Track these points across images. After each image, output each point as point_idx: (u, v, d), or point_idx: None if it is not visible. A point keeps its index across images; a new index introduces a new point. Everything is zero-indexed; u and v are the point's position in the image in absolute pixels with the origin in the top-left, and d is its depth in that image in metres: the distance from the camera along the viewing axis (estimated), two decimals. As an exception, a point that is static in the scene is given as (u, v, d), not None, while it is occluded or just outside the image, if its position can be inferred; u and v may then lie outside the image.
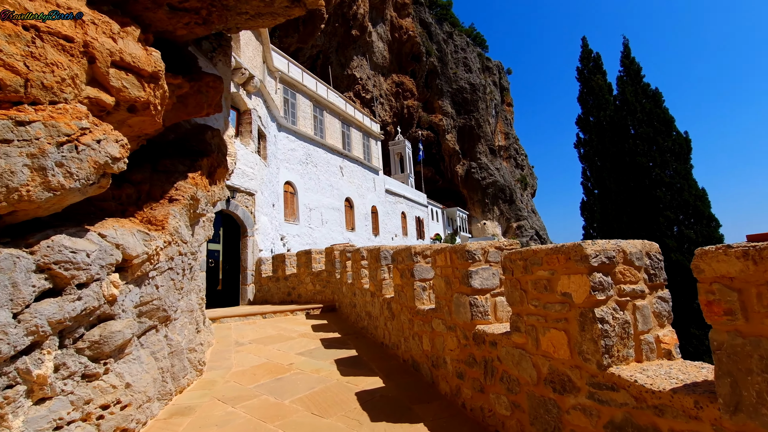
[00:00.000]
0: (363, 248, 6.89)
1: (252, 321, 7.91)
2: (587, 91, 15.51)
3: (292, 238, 15.21)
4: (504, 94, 73.41)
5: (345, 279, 7.97)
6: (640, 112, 11.88)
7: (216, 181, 5.67)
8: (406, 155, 32.40)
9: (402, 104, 48.73)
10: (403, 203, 26.01)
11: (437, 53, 54.08)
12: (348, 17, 39.00)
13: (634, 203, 11.26)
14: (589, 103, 15.35)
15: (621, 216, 11.50)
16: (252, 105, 12.03)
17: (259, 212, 11.89)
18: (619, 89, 12.97)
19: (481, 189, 56.65)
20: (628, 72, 13.13)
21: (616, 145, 11.99)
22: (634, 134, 11.87)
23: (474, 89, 57.74)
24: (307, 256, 9.90)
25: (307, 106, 17.44)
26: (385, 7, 45.89)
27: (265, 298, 11.05)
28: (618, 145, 11.94)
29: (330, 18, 37.31)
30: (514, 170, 67.93)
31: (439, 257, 3.69)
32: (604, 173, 12.68)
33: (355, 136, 21.29)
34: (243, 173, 11.14)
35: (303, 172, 16.52)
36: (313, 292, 9.77)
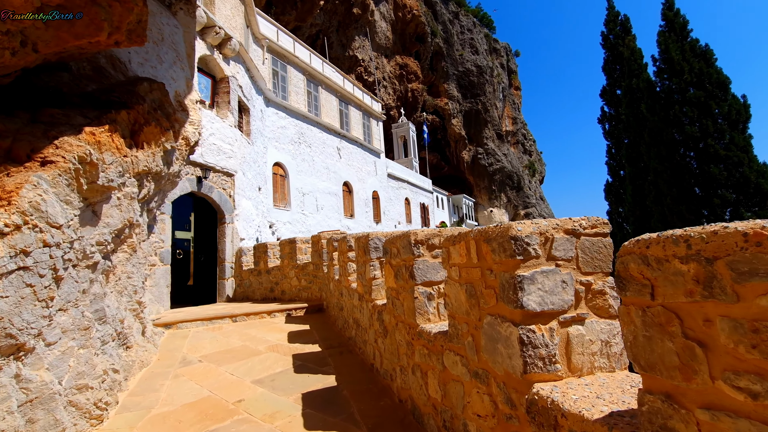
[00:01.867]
0: (351, 236, 5.35)
1: (218, 327, 6.44)
2: (614, 58, 13.69)
3: (283, 225, 13.71)
4: (512, 78, 71.02)
5: (332, 274, 6.46)
6: (688, 73, 10.08)
7: (143, 144, 4.11)
8: (410, 139, 30.66)
9: (406, 87, 46.76)
10: (406, 189, 24.39)
11: (443, 34, 51.84)
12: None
13: (680, 182, 9.58)
14: (616, 72, 13.56)
15: (662, 197, 9.83)
16: (230, 72, 10.41)
17: (240, 195, 10.36)
18: (660, 48, 11.15)
19: (488, 175, 54.86)
20: (672, 27, 11.20)
21: (656, 113, 10.28)
22: (679, 100, 10.10)
23: (481, 72, 55.54)
24: (291, 246, 8.40)
25: (299, 80, 15.77)
26: (388, -17, 43.59)
27: (246, 294, 9.59)
28: (658, 113, 10.23)
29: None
30: (522, 156, 65.93)
31: (455, 249, 2.15)
32: (640, 148, 10.96)
33: (354, 115, 19.61)
34: (219, 150, 9.59)
35: (295, 153, 14.94)
36: (298, 288, 8.29)
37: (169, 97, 5.37)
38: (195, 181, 8.88)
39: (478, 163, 54.57)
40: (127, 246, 5.01)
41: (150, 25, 6.41)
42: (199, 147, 8.91)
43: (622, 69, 13.24)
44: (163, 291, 7.73)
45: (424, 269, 2.82)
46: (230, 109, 10.22)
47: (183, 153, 7.02)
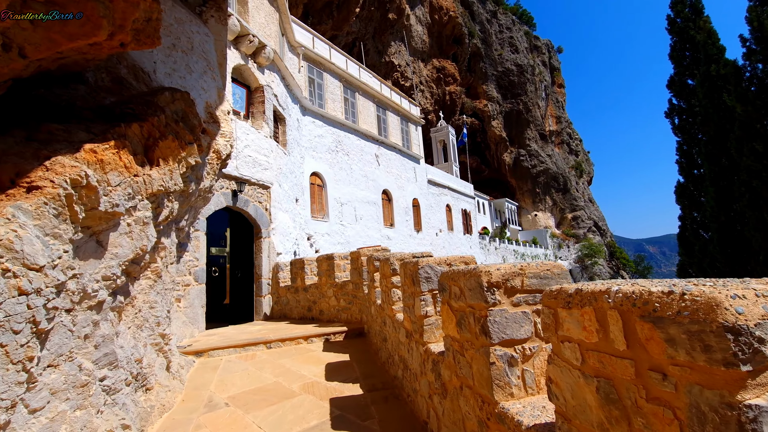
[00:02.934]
0: (395, 256, 4.64)
1: (251, 354, 5.91)
2: (683, 43, 12.17)
3: (321, 237, 13.25)
4: (554, 75, 68.16)
5: (373, 297, 5.77)
6: (788, 53, 8.63)
7: (158, 161, 3.62)
8: (450, 142, 29.66)
9: (444, 90, 45.83)
10: (447, 195, 23.42)
11: (480, 34, 50.50)
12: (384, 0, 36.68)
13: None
14: (686, 59, 12.03)
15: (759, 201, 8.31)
16: (265, 81, 10.09)
17: (277, 208, 9.96)
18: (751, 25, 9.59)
19: (531, 178, 52.59)
20: (765, 0, 9.61)
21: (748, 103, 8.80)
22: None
23: (521, 71, 53.57)
24: (329, 262, 7.81)
25: (336, 86, 15.38)
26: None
27: (284, 313, 9.12)
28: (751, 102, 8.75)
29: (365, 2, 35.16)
30: (568, 156, 62.83)
31: (573, 317, 1.35)
32: (728, 143, 9.45)
33: (392, 121, 19.00)
34: (254, 161, 9.23)
35: (332, 162, 14.50)
36: (336, 308, 7.67)
37: (195, 108, 4.93)
38: (230, 195, 8.54)
39: (520, 166, 52.51)
40: (151, 272, 4.58)
41: (179, 33, 6.07)
42: (233, 159, 8.57)
43: (693, 55, 11.71)
44: (198, 312, 7.37)
45: (503, 323, 2.04)
46: (265, 119, 9.87)
47: (214, 167, 6.62)
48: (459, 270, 2.43)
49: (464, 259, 3.44)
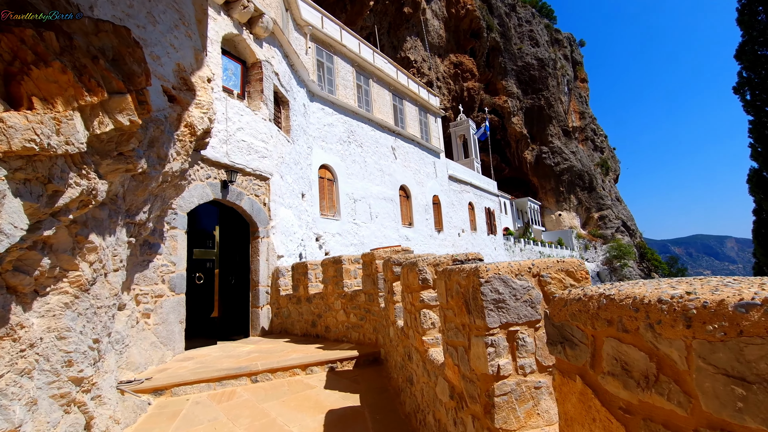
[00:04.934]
0: (424, 259, 3.05)
1: (229, 392, 4.40)
2: (753, 4, 10.24)
3: (332, 237, 11.75)
4: (577, 69, 65.60)
5: (392, 315, 4.20)
6: None
7: (33, 101, 2.12)
8: (471, 137, 27.90)
9: (461, 87, 44.09)
10: (470, 192, 21.66)
11: (499, 28, 48.58)
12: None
13: None
14: (760, 23, 10.10)
15: None
16: (264, 56, 8.65)
17: (278, 203, 8.49)
18: None
19: (554, 176, 50.27)
20: None
21: None
22: None
23: (542, 65, 51.36)
24: (337, 267, 6.26)
25: (347, 71, 13.90)
26: (440, -20, 41.54)
27: (284, 327, 7.62)
28: None
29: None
30: (593, 153, 60.13)
31: None
32: None
33: (410, 111, 17.40)
34: (249, 147, 7.79)
35: (344, 154, 13.00)
36: (345, 325, 6.11)
37: (139, 53, 3.45)
38: (219, 186, 7.10)
39: (542, 163, 50.29)
40: (69, 283, 3.12)
41: (135, -30, 4.64)
42: (223, 144, 7.15)
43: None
44: (174, 330, 5.91)
45: None
46: (264, 99, 8.43)
47: (186, 145, 5.17)
48: (593, 292, 0.84)
49: (555, 264, 1.86)
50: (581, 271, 1.83)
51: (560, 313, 1.14)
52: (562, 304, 1.14)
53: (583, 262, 1.85)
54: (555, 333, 1.17)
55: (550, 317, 1.19)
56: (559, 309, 1.15)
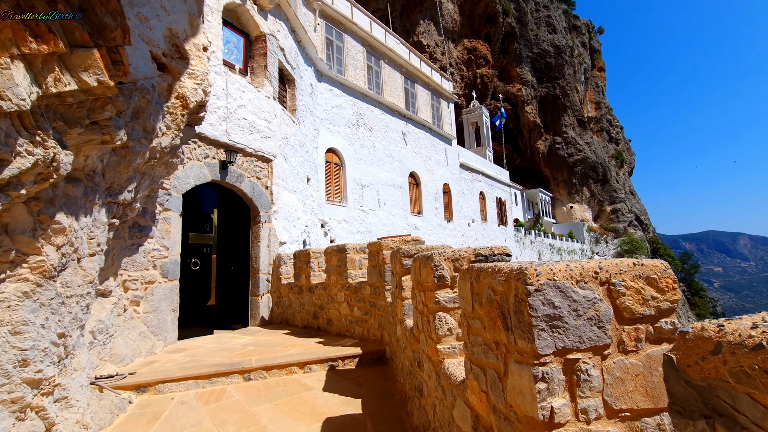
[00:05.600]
0: (440, 252, 2.56)
1: (219, 391, 4.01)
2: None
3: (338, 224, 11.30)
4: (595, 58, 63.70)
5: (400, 312, 3.74)
6: None
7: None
8: (484, 125, 27.11)
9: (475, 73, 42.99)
10: (481, 181, 21.01)
11: (515, 13, 47.07)
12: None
13: None
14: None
15: None
16: (269, 29, 8.11)
17: (281, 187, 8.04)
18: None
19: (567, 167, 49.16)
20: None
21: None
22: None
23: (559, 52, 49.87)
24: (341, 256, 5.81)
25: (358, 51, 13.27)
26: (456, -41, 40.20)
27: (285, 317, 7.24)
28: None
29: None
30: (608, 145, 58.73)
31: None
32: None
33: (422, 95, 16.73)
34: (251, 126, 7.31)
35: (353, 137, 12.46)
36: (349, 319, 5.68)
37: (114, 3, 2.96)
38: (217, 166, 6.65)
39: (555, 154, 49.17)
40: (30, 269, 2.70)
41: None
42: (223, 122, 6.68)
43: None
44: (166, 318, 5.54)
45: None
46: (268, 76, 7.91)
47: (178, 119, 4.69)
48: None
49: (630, 268, 1.35)
50: (666, 279, 1.33)
51: (707, 366, 0.65)
52: (711, 348, 0.65)
53: (668, 266, 1.35)
54: (691, 398, 0.68)
55: (681, 367, 0.70)
56: (703, 356, 0.66)
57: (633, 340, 1.29)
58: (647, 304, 1.31)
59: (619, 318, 1.30)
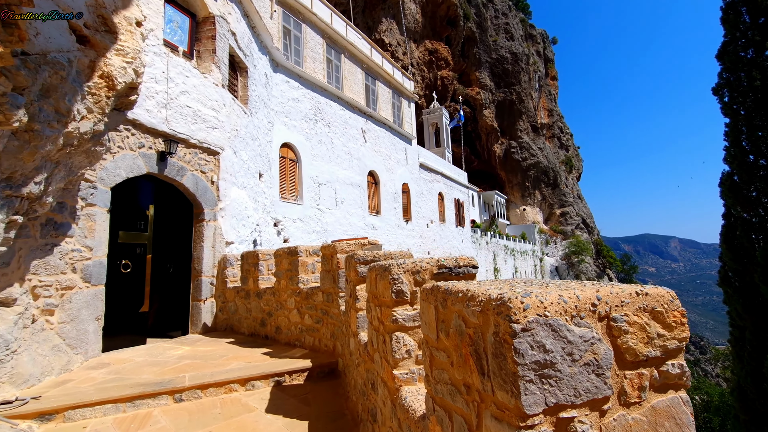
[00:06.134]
0: (399, 261, 2.25)
1: (143, 416, 3.47)
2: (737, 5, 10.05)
3: (292, 223, 10.76)
4: (548, 67, 66.51)
5: (353, 325, 3.41)
6: None
7: None
8: (443, 126, 27.34)
9: (435, 75, 43.48)
10: (440, 182, 21.09)
11: (476, 18, 48.12)
12: (376, -30, 33.98)
13: None
14: (745, 24, 9.92)
15: None
16: (219, 11, 7.46)
17: (229, 182, 7.44)
18: None
19: (521, 171, 51.03)
20: None
21: None
22: None
23: (516, 59, 51.63)
24: (292, 259, 5.37)
25: (317, 43, 12.74)
26: (419, -39, 40.39)
27: (230, 324, 6.67)
28: None
29: (356, -30, 32.42)
30: (558, 151, 61.56)
31: None
32: None
33: (383, 93, 16.45)
34: (195, 115, 6.66)
35: (310, 133, 11.94)
36: (299, 327, 5.26)
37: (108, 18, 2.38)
38: (154, 157, 5.97)
39: (510, 158, 50.88)
40: None
41: None
42: (163, 109, 6.01)
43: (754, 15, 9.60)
44: (87, 329, 4.85)
45: None
46: (216, 61, 7.27)
47: (102, 101, 4.06)
48: None
49: (633, 298, 1.08)
50: (674, 312, 1.09)
51: None
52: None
53: (674, 296, 1.11)
54: None
55: None
56: None
57: (636, 389, 1.04)
58: (653, 343, 1.06)
59: (621, 362, 1.04)
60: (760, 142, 9.71)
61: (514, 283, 1.29)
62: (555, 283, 1.25)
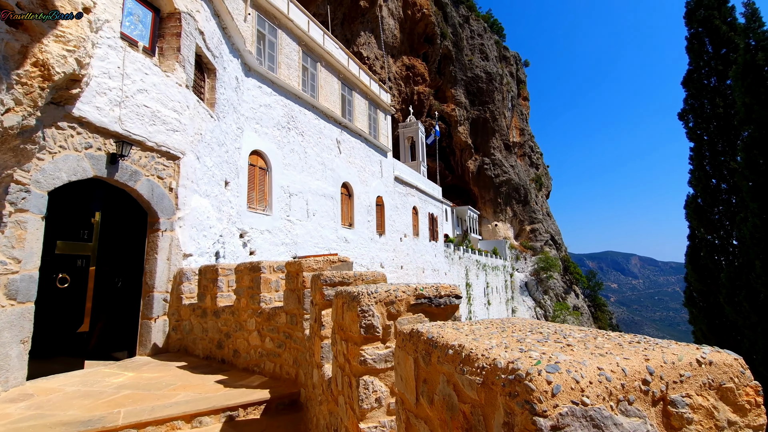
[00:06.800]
0: (369, 288, 1.89)
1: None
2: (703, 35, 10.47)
3: (260, 234, 10.20)
4: (520, 88, 68.70)
5: (317, 355, 3.01)
6: None
7: None
8: (419, 140, 27.40)
9: (412, 90, 43.95)
10: (415, 196, 20.95)
11: (452, 37, 49.25)
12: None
13: None
14: (708, 54, 10.34)
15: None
16: (186, 7, 7.01)
17: (190, 189, 6.89)
18: None
19: (493, 187, 51.99)
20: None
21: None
22: None
23: (490, 79, 53.05)
24: (254, 276, 4.91)
25: (293, 50, 12.40)
26: (399, -21, 41.05)
27: (185, 345, 6.07)
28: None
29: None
30: (529, 169, 63.28)
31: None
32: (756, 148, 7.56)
33: (359, 104, 16.22)
34: (154, 116, 6.14)
35: (282, 141, 11.48)
36: (260, 351, 4.78)
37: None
38: (105, 160, 5.40)
39: (483, 174, 51.79)
40: None
41: None
42: (116, 107, 5.48)
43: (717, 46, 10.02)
44: (9, 353, 4.19)
45: None
46: (180, 60, 6.78)
47: (34, 91, 3.55)
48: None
49: (694, 370, 0.74)
50: (746, 387, 0.78)
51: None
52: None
53: (743, 364, 0.81)
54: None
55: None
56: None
57: (704, 505, 0.73)
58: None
59: (684, 466, 0.72)
60: (722, 166, 10.02)
61: (523, 337, 0.96)
62: (578, 337, 0.93)
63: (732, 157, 9.74)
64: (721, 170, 10.33)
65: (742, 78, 8.63)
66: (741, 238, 8.42)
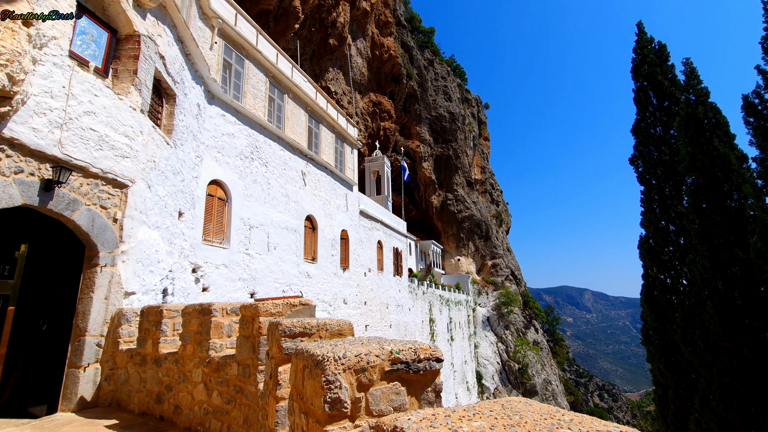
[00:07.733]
0: (335, 352, 1.59)
1: None
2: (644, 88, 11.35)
3: (215, 269, 9.52)
4: (482, 128, 72.04)
5: (271, 420, 2.59)
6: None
7: None
8: (385, 175, 27.61)
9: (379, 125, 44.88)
10: (380, 230, 20.77)
11: (417, 78, 51.41)
12: (326, 23, 35.12)
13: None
14: (652, 105, 11.16)
15: None
16: (146, 30, 6.69)
17: (137, 220, 6.31)
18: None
19: (456, 222, 53.03)
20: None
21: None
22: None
23: (453, 118, 55.36)
24: (203, 319, 4.40)
25: (259, 81, 12.23)
26: (367, 22, 42.72)
27: (118, 398, 5.32)
28: None
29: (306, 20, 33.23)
30: (490, 205, 65.37)
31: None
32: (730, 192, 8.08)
33: (326, 137, 16.13)
34: (101, 140, 5.64)
35: (244, 171, 11.04)
36: (205, 407, 4.20)
37: None
38: (37, 186, 4.82)
39: (447, 209, 52.81)
40: None
41: None
42: (56, 129, 4.99)
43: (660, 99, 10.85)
44: None
45: None
46: (136, 83, 6.38)
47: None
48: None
49: None
50: None
51: None
52: None
53: None
54: None
55: None
56: None
57: None
58: None
59: None
60: (671, 209, 10.60)
61: None
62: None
63: (679, 200, 10.38)
64: (670, 213, 10.95)
65: (685, 129, 9.38)
66: (692, 279, 8.84)
